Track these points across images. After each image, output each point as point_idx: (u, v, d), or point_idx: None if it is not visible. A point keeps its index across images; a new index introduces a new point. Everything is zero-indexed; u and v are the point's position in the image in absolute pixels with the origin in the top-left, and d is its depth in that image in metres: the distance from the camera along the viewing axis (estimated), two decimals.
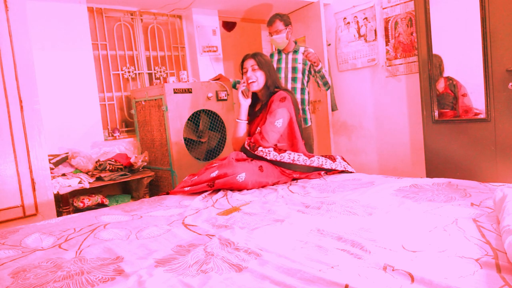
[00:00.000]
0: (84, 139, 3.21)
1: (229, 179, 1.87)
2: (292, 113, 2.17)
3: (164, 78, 3.79)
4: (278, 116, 2.11)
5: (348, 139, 4.15)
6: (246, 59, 2.28)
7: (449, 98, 2.87)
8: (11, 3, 2.24)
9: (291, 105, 2.17)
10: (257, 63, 2.23)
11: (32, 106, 2.32)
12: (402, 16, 3.46)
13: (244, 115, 2.27)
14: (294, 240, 1.15)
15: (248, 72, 2.23)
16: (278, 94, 2.19)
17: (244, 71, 2.27)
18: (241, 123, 2.27)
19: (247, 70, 2.24)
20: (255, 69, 2.23)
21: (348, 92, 4.04)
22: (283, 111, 2.13)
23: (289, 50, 3.03)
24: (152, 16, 3.77)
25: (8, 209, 2.25)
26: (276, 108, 2.13)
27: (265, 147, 2.05)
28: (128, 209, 1.72)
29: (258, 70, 2.23)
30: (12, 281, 1.00)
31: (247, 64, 2.25)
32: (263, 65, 2.23)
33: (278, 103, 2.15)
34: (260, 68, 2.23)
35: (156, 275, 0.97)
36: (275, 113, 2.12)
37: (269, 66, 2.27)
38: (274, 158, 2.03)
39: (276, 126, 2.10)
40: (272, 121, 2.10)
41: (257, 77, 2.23)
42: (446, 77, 2.91)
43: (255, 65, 2.23)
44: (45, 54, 3.04)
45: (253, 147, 2.07)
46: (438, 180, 1.73)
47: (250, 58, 2.26)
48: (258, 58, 2.25)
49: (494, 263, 0.89)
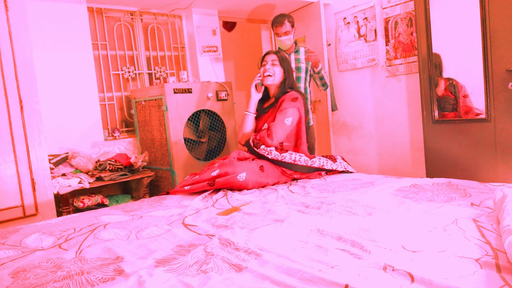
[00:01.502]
0: (84, 139, 3.21)
1: (229, 178, 1.87)
2: (302, 113, 2.19)
3: (164, 78, 3.79)
4: (288, 115, 2.12)
5: (348, 139, 4.15)
6: (268, 53, 2.30)
7: (450, 100, 2.87)
8: (11, 3, 2.24)
9: (302, 106, 2.19)
10: (278, 58, 2.25)
11: (32, 106, 2.32)
12: (402, 16, 3.46)
13: (253, 108, 2.28)
14: (294, 240, 1.15)
15: (267, 65, 2.25)
16: (291, 93, 2.20)
17: (264, 63, 2.28)
18: (249, 116, 2.28)
19: (267, 63, 2.26)
20: (274, 64, 2.25)
21: (348, 92, 4.04)
22: (293, 111, 2.14)
23: (291, 50, 3.04)
24: (152, 16, 3.77)
25: (8, 209, 2.25)
26: (287, 106, 2.14)
27: (267, 145, 2.05)
28: (128, 209, 1.72)
29: (278, 65, 2.25)
30: (12, 281, 1.00)
31: (268, 58, 2.28)
32: (283, 62, 2.26)
33: (289, 102, 2.16)
34: (280, 64, 2.25)
35: (156, 275, 0.97)
36: (286, 111, 2.13)
37: (289, 65, 2.29)
38: (276, 158, 2.03)
39: (285, 124, 2.11)
40: (282, 119, 2.11)
41: (275, 72, 2.24)
42: (446, 78, 2.91)
43: (275, 60, 2.25)
44: (45, 54, 3.04)
45: (257, 144, 2.08)
46: (438, 180, 1.73)
47: (273, 53, 2.28)
48: (280, 55, 2.27)
49: (494, 263, 0.89)
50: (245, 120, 2.28)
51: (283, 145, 2.13)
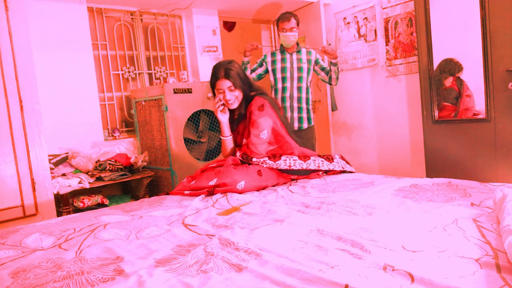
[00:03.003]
0: (84, 139, 3.21)
1: (228, 188, 1.85)
2: (274, 118, 2.08)
3: (164, 78, 3.79)
4: (261, 128, 2.03)
5: (348, 139, 4.15)
6: (219, 79, 2.06)
7: (454, 93, 2.85)
8: (11, 3, 2.24)
9: (271, 110, 2.09)
10: (233, 84, 2.05)
11: (32, 106, 2.32)
12: (402, 16, 3.46)
13: (228, 131, 2.18)
14: (294, 240, 1.15)
15: (226, 95, 2.06)
16: (256, 101, 2.08)
17: (220, 91, 2.08)
18: (227, 140, 2.18)
19: (224, 92, 2.06)
20: (232, 90, 2.06)
21: (348, 92, 4.04)
22: (265, 121, 2.04)
23: (293, 50, 3.04)
24: (152, 16, 3.77)
25: (8, 209, 2.25)
26: (256, 119, 2.04)
27: (258, 158, 2.03)
28: (128, 209, 1.72)
29: (235, 89, 2.07)
30: (12, 281, 1.00)
31: (222, 85, 2.06)
32: (238, 83, 2.07)
33: (257, 112, 2.05)
34: (236, 87, 2.06)
35: (156, 275, 0.97)
36: (258, 125, 2.03)
37: (242, 78, 2.10)
38: (271, 167, 2.02)
39: (262, 138, 2.03)
40: (257, 134, 2.03)
41: (236, 96, 2.09)
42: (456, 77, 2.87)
43: (231, 86, 2.05)
44: (45, 54, 3.04)
45: (247, 158, 2.04)
46: (438, 180, 1.72)
47: (224, 79, 2.04)
48: (232, 77, 2.04)
49: (494, 263, 0.89)
50: (224, 144, 2.20)
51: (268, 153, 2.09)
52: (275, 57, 3.06)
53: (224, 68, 2.04)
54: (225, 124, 2.16)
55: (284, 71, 3.02)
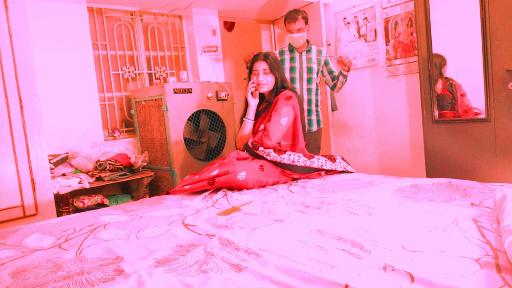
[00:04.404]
0: (84, 139, 3.21)
1: (229, 177, 1.87)
2: (298, 112, 2.17)
3: (164, 78, 3.79)
4: (283, 114, 2.12)
5: (348, 139, 4.15)
6: (257, 60, 2.24)
7: (448, 98, 2.87)
8: (11, 3, 2.24)
9: (297, 104, 2.18)
10: (269, 67, 2.21)
11: (32, 106, 2.32)
12: (402, 16, 3.46)
13: (253, 115, 2.28)
14: (294, 240, 1.15)
15: (260, 76, 2.21)
16: (284, 93, 2.20)
17: (255, 73, 2.24)
18: (249, 123, 2.27)
19: (259, 73, 2.22)
20: (266, 73, 2.21)
21: (348, 92, 4.04)
22: (288, 110, 2.13)
23: (303, 49, 2.93)
24: (152, 16, 3.77)
25: (8, 209, 2.25)
26: (281, 106, 2.14)
27: (266, 147, 2.06)
28: (128, 209, 1.72)
29: (269, 74, 2.22)
30: (12, 281, 1.00)
31: (258, 67, 2.22)
32: (274, 69, 2.22)
33: (284, 101, 2.15)
34: (271, 72, 2.21)
35: (156, 275, 0.97)
36: (281, 111, 2.12)
37: (279, 68, 2.26)
38: (274, 159, 2.03)
39: (281, 123, 2.11)
40: (278, 119, 2.11)
41: (268, 80, 2.22)
42: (444, 78, 2.90)
43: (267, 69, 2.21)
44: (45, 54, 3.04)
45: (255, 146, 2.09)
46: (438, 180, 1.73)
47: (262, 60, 2.22)
48: (270, 61, 2.21)
49: (494, 263, 0.89)
50: (244, 126, 2.28)
51: (281, 145, 2.14)
52: (284, 56, 2.95)
53: (264, 53, 2.26)
54: (253, 107, 2.27)
55: (293, 71, 2.93)
